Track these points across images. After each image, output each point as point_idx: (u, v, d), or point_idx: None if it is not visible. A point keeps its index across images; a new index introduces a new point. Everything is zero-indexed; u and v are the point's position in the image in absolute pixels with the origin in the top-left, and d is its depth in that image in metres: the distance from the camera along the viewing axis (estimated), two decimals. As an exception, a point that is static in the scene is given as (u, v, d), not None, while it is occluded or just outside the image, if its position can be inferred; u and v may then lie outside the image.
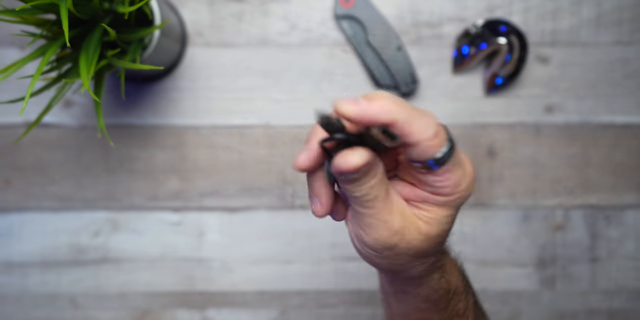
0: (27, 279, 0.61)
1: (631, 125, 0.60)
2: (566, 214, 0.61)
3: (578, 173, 0.61)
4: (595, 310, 0.62)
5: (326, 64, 0.60)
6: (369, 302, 0.62)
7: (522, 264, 0.62)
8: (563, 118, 0.60)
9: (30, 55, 0.42)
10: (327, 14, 0.60)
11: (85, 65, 0.42)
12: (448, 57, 0.60)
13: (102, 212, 0.61)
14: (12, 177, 0.60)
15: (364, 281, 0.62)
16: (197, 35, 0.60)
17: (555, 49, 0.60)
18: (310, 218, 0.61)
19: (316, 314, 0.62)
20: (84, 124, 0.60)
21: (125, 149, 0.60)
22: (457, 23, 0.60)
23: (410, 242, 0.33)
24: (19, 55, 0.59)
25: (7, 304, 0.61)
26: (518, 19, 0.59)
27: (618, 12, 0.60)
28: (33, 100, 0.57)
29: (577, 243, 0.62)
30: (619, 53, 0.60)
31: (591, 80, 0.60)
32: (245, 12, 0.60)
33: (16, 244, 0.61)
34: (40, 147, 0.60)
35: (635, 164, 0.61)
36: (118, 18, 0.46)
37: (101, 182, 0.61)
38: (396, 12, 0.60)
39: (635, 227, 0.61)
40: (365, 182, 0.31)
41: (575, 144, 0.61)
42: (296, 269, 0.62)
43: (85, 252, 0.61)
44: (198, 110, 0.60)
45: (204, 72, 0.60)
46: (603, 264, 0.62)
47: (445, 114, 0.60)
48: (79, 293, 0.61)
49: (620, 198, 0.61)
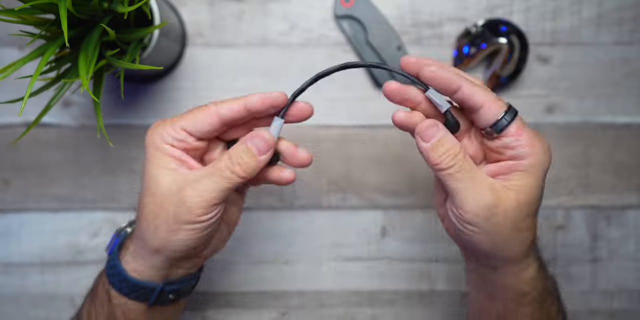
0: (26, 280, 0.61)
1: (632, 125, 0.60)
2: (567, 214, 0.61)
3: (579, 173, 0.61)
4: (596, 310, 0.62)
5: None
6: (369, 303, 0.62)
7: (523, 264, 0.62)
8: (563, 118, 0.60)
9: (29, 55, 0.42)
10: (327, 14, 0.60)
11: (85, 65, 0.42)
12: (448, 57, 0.60)
13: (101, 213, 0.61)
14: (11, 178, 0.60)
15: (364, 281, 0.62)
16: (197, 35, 0.59)
17: (556, 49, 0.60)
18: (310, 218, 0.61)
19: (316, 314, 0.62)
20: (83, 124, 0.60)
21: (124, 149, 0.60)
22: (457, 23, 0.60)
23: (506, 209, 0.37)
24: (18, 55, 0.59)
25: (5, 305, 0.61)
26: (518, 18, 0.59)
27: (619, 11, 0.60)
28: (32, 100, 0.57)
29: (577, 243, 0.61)
30: (620, 53, 0.60)
31: (592, 80, 0.60)
32: (245, 12, 0.59)
33: (15, 244, 0.61)
34: (39, 148, 0.60)
35: (636, 164, 0.61)
36: (117, 18, 0.46)
37: (100, 182, 0.60)
38: (396, 12, 0.60)
39: (636, 228, 0.61)
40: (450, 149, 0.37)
41: (575, 144, 0.61)
42: (296, 269, 0.61)
43: (84, 253, 0.61)
44: (198, 110, 0.60)
45: (204, 72, 0.60)
46: (604, 265, 0.62)
47: (446, 114, 0.60)
48: (78, 293, 0.61)
49: (621, 198, 0.61)
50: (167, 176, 0.39)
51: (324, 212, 0.61)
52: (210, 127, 0.40)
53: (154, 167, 0.40)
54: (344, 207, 0.61)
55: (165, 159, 0.40)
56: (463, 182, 0.37)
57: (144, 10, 0.48)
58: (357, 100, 0.60)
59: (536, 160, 0.38)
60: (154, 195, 0.39)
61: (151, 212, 0.40)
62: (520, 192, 0.38)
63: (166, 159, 0.40)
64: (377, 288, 0.62)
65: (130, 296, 0.42)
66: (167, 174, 0.39)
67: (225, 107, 0.40)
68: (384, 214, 0.61)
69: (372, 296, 0.62)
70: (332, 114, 0.60)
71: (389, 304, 0.62)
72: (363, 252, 0.61)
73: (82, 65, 0.42)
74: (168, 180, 0.39)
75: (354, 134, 0.60)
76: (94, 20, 0.45)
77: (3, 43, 0.59)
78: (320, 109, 0.60)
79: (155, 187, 0.39)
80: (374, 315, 0.62)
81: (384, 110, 0.60)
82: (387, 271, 0.61)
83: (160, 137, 0.40)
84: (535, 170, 0.38)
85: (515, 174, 0.38)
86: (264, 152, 0.40)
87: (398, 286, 0.61)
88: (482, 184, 0.37)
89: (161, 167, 0.40)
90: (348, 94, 0.60)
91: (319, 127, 0.60)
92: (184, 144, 0.40)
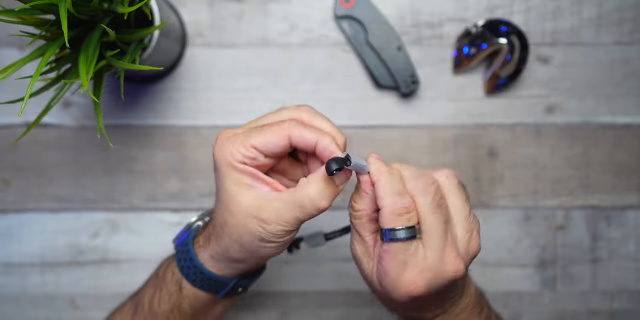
0: (26, 280, 0.61)
1: (632, 126, 0.60)
2: (567, 215, 0.61)
3: (579, 173, 0.61)
4: (596, 311, 0.62)
5: (326, 64, 0.60)
6: (369, 303, 0.61)
7: (523, 264, 0.62)
8: (564, 118, 0.60)
9: (29, 55, 0.42)
10: (327, 14, 0.60)
11: (85, 66, 0.42)
12: (448, 58, 0.60)
13: (101, 213, 0.61)
14: (11, 178, 0.60)
15: (363, 282, 0.61)
16: (197, 35, 0.59)
17: (556, 49, 0.60)
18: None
19: (316, 314, 0.62)
20: (83, 124, 0.60)
21: (124, 149, 0.60)
22: (457, 23, 0.59)
23: (364, 269, 0.41)
24: (18, 56, 0.59)
25: (6, 305, 0.61)
26: (519, 19, 0.59)
27: (619, 12, 0.60)
28: (32, 100, 0.57)
29: (578, 243, 0.61)
30: (620, 53, 0.60)
31: (592, 81, 0.60)
32: (245, 12, 0.59)
33: (15, 244, 0.61)
34: (40, 148, 0.60)
35: (636, 164, 0.61)
36: (117, 18, 0.46)
37: (100, 182, 0.60)
38: (396, 12, 0.59)
39: (636, 228, 0.61)
40: (357, 200, 0.41)
41: (576, 145, 0.61)
42: (296, 269, 0.61)
43: (84, 253, 0.61)
44: (198, 110, 0.60)
45: (204, 72, 0.60)
46: (604, 265, 0.62)
47: (446, 115, 0.60)
48: (78, 294, 0.61)
49: (621, 198, 0.61)
50: (245, 195, 0.39)
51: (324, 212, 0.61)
52: (282, 149, 0.39)
53: (232, 184, 0.40)
54: (344, 207, 0.61)
55: (242, 176, 0.40)
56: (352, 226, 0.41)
57: (144, 11, 0.48)
58: (357, 101, 0.60)
59: (385, 287, 0.39)
60: (234, 213, 0.40)
61: (234, 230, 0.40)
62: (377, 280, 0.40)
63: (243, 177, 0.40)
64: (377, 288, 0.62)
65: (204, 288, 0.44)
66: (245, 193, 0.39)
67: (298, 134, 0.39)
68: (384, 214, 0.61)
69: (372, 296, 0.62)
70: (332, 114, 0.60)
71: (389, 304, 0.62)
72: (363, 253, 0.61)
73: (82, 65, 0.42)
74: (247, 200, 0.39)
75: (354, 134, 0.60)
76: (94, 21, 0.45)
77: (3, 43, 0.59)
78: (321, 109, 0.60)
79: (234, 205, 0.40)
80: (374, 315, 0.62)
81: (384, 110, 0.60)
82: (387, 271, 0.61)
83: (231, 155, 0.39)
84: (384, 289, 0.40)
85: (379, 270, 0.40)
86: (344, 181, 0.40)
87: (398, 286, 0.61)
88: (361, 241, 0.41)
89: (239, 185, 0.40)
90: (348, 94, 0.60)
91: (319, 128, 0.60)
92: (256, 161, 0.40)
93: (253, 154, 0.39)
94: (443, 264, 0.38)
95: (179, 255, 0.45)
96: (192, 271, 0.43)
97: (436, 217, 0.38)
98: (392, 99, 0.60)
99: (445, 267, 0.38)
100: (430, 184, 0.38)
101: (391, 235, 0.37)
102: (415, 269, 0.37)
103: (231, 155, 0.39)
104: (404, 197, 0.38)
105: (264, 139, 0.39)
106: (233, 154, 0.39)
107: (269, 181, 0.41)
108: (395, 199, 0.37)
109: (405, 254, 0.37)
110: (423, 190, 0.38)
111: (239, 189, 0.39)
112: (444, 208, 0.39)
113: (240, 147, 0.39)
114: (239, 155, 0.39)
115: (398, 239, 0.37)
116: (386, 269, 0.38)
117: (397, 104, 0.60)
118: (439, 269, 0.38)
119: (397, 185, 0.38)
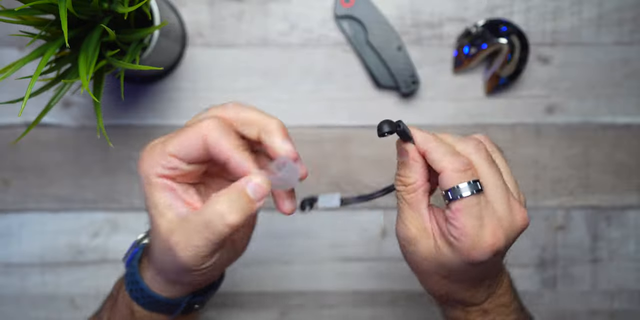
0: (26, 280, 0.61)
1: (632, 126, 0.60)
2: (567, 215, 0.61)
3: (579, 173, 0.61)
4: (596, 311, 0.62)
5: (326, 64, 0.60)
6: (369, 303, 0.62)
7: (523, 264, 0.62)
8: (564, 118, 0.60)
9: (29, 55, 0.42)
10: (327, 14, 0.60)
11: (85, 66, 0.42)
12: (448, 57, 0.60)
13: (101, 213, 0.61)
14: (11, 178, 0.60)
15: (363, 282, 0.62)
16: (197, 35, 0.59)
17: (556, 49, 0.60)
18: (310, 218, 0.61)
19: (316, 314, 0.62)
20: (83, 124, 0.60)
21: (124, 149, 0.60)
22: (457, 23, 0.59)
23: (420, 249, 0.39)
24: (18, 56, 0.59)
25: (6, 305, 0.61)
26: (519, 19, 0.59)
27: (619, 12, 0.60)
28: (32, 100, 0.57)
29: (578, 244, 0.61)
30: (620, 53, 0.60)
31: (592, 81, 0.60)
32: (245, 12, 0.59)
33: (15, 244, 0.61)
34: (40, 148, 0.60)
35: (636, 165, 0.61)
36: (117, 18, 0.46)
37: (100, 182, 0.60)
38: (396, 12, 0.59)
39: (636, 228, 0.61)
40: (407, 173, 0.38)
41: (576, 145, 0.61)
42: (296, 269, 0.61)
43: (84, 253, 0.61)
44: (198, 110, 0.59)
45: (204, 72, 0.60)
46: (604, 265, 0.62)
47: (446, 115, 0.60)
48: (78, 294, 0.61)
49: (621, 198, 0.61)
50: (163, 217, 0.35)
51: (324, 213, 0.61)
52: (200, 153, 0.35)
53: (151, 205, 0.36)
54: (344, 208, 0.61)
55: (161, 195, 0.35)
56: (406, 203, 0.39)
57: (144, 11, 0.48)
58: (357, 100, 0.60)
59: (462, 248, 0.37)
60: (156, 237, 0.37)
61: (158, 256, 0.37)
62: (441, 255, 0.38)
63: (162, 196, 0.35)
64: (377, 288, 0.62)
65: (154, 311, 0.40)
66: (164, 214, 0.35)
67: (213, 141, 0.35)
68: (384, 214, 0.61)
69: (372, 296, 0.62)
70: (332, 114, 0.60)
71: (389, 305, 0.62)
72: (363, 253, 0.61)
73: (82, 65, 0.42)
74: (164, 223, 0.35)
75: (354, 134, 0.60)
76: (94, 21, 0.45)
77: (3, 43, 0.59)
78: (321, 109, 0.60)
79: (154, 229, 0.36)
80: (374, 315, 0.62)
81: (384, 110, 0.60)
82: (387, 271, 0.61)
83: (150, 169, 0.35)
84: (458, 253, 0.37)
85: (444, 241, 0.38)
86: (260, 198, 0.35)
87: (398, 287, 0.61)
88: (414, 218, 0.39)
89: (156, 207, 0.36)
90: (348, 94, 0.60)
91: (319, 127, 0.60)
92: (178, 171, 0.35)
93: (172, 163, 0.35)
94: (512, 214, 0.37)
95: (127, 278, 0.41)
96: (139, 295, 0.40)
97: (495, 170, 0.37)
98: (392, 99, 0.60)
99: (515, 217, 0.37)
100: (479, 143, 0.38)
101: (457, 193, 0.36)
102: (492, 222, 0.36)
103: (151, 168, 0.35)
104: (460, 155, 0.37)
105: (179, 145, 0.35)
106: (153, 167, 0.35)
107: (187, 199, 0.36)
108: (453, 158, 0.36)
109: (479, 208, 0.36)
110: (475, 148, 0.38)
111: (157, 211, 0.35)
112: (496, 164, 0.38)
113: (159, 158, 0.35)
114: (159, 168, 0.35)
115: (466, 195, 0.36)
116: (464, 227, 0.36)
117: (397, 104, 0.60)
118: (511, 219, 0.37)
119: (449, 147, 0.37)
